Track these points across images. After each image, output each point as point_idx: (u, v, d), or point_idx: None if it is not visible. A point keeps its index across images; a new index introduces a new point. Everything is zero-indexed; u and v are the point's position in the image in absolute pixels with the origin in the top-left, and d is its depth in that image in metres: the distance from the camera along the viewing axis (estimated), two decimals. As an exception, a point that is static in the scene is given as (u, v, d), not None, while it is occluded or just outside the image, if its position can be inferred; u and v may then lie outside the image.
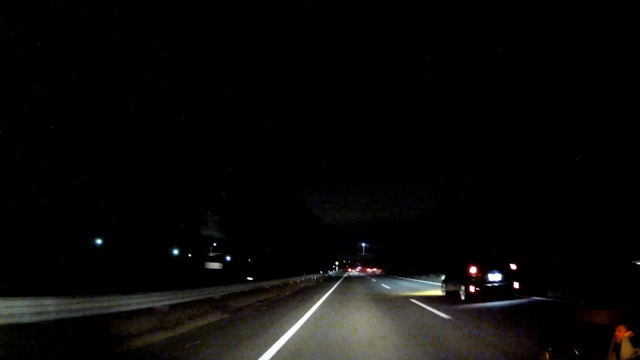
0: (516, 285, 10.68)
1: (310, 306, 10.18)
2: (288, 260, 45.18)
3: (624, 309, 2.13)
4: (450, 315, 7.60)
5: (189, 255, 41.72)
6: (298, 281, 25.99)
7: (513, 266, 10.98)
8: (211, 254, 45.78)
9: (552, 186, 22.14)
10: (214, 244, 47.37)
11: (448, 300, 11.31)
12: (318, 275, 43.18)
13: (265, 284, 18.23)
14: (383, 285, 22.23)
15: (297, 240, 47.19)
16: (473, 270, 10.79)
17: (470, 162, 33.93)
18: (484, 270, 10.80)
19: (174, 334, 6.23)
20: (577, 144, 19.33)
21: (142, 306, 7.79)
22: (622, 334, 2.00)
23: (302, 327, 6.62)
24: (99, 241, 29.16)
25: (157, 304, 8.33)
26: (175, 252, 34.83)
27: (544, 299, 10.19)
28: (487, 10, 21.58)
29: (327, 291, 17.01)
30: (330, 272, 67.04)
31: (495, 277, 10.75)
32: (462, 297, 10.89)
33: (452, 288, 12.10)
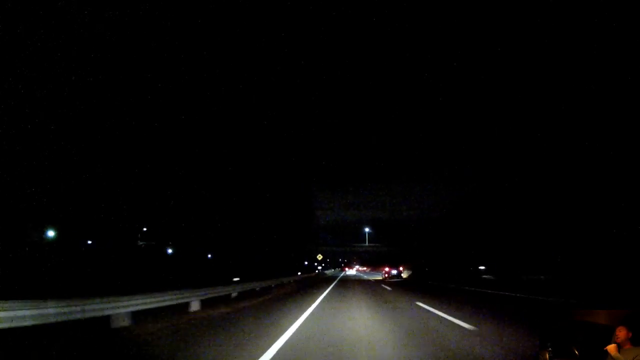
0: (404, 275, 36.43)
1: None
2: (278, 260, 45.64)
3: (624, 310, 2.13)
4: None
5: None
6: (287, 282, 22.80)
7: (401, 268, 37.17)
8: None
9: (550, 188, 22.13)
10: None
11: (382, 280, 31.49)
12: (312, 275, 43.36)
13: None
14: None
15: (286, 236, 47.22)
16: (386, 269, 37.07)
17: (470, 163, 33.93)
18: (389, 269, 36.43)
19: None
20: (577, 145, 19.31)
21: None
22: (623, 334, 1.99)
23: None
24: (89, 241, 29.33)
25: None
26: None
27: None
28: (487, 12, 21.58)
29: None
30: (326, 271, 67.35)
31: (393, 272, 35.81)
32: (383, 279, 32.90)
33: (383, 276, 36.23)
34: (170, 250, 41.27)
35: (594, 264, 16.15)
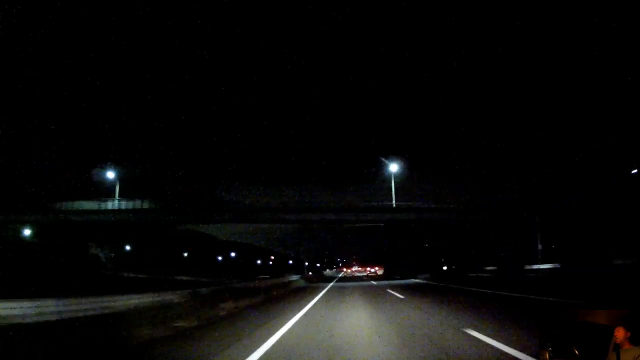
0: (380, 272, 68.12)
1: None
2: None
3: (624, 310, 2.14)
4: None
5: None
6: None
7: (377, 267, 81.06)
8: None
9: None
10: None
11: (367, 274, 67.12)
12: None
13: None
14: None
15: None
16: (368, 268, 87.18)
17: (468, 164, 33.66)
18: (370, 268, 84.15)
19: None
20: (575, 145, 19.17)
21: None
22: (621, 334, 2.00)
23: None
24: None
25: None
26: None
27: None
28: (487, 16, 21.47)
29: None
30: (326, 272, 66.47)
31: (372, 270, 78.83)
32: (367, 274, 66.63)
33: (367, 273, 76.57)
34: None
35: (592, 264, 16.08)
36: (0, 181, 30.86)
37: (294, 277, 31.63)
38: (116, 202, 31.82)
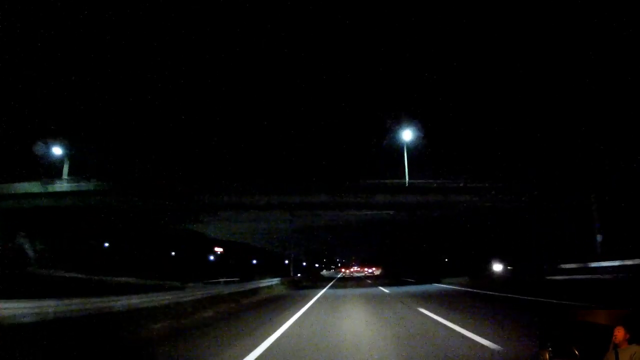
0: (377, 272, 73.20)
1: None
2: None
3: (623, 310, 2.15)
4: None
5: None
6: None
7: (374, 268, 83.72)
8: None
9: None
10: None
11: (365, 275, 68.90)
12: None
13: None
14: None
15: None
16: (366, 269, 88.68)
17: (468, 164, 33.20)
18: (368, 269, 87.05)
19: None
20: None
21: None
22: (621, 334, 2.02)
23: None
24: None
25: None
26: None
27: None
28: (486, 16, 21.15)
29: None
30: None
31: (370, 270, 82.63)
32: (366, 275, 68.87)
33: (365, 273, 78.82)
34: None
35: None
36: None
37: (270, 282, 23.53)
38: (64, 183, 24.80)
